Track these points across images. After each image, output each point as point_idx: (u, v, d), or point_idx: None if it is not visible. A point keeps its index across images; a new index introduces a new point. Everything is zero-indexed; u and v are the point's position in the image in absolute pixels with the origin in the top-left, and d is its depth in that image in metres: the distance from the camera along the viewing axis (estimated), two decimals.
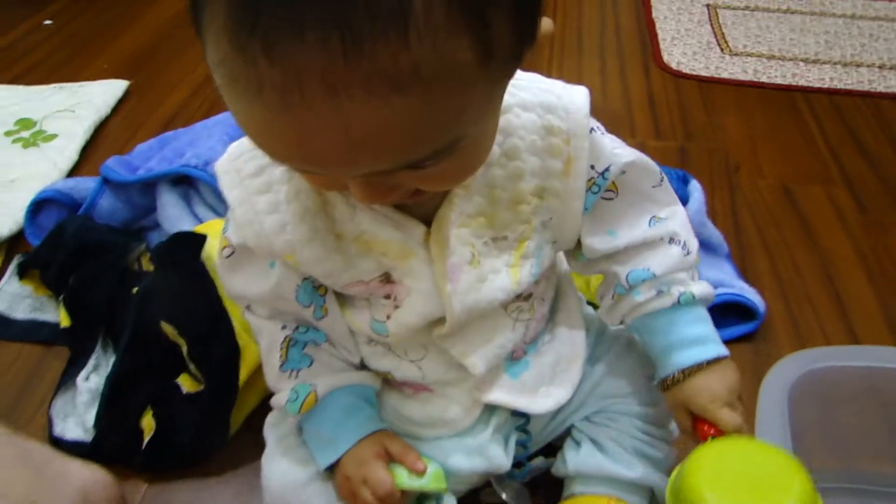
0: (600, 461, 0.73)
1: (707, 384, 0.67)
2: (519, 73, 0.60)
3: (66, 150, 1.32)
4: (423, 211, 0.60)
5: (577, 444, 0.75)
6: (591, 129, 0.62)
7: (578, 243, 0.69)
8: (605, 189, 0.65)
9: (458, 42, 0.40)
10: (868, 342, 1.02)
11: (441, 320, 0.63)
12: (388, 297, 0.64)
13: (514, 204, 0.61)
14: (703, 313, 0.70)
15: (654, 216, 0.68)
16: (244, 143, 0.61)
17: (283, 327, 0.68)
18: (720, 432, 0.66)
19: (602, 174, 0.64)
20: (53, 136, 1.35)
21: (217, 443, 0.85)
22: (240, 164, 0.60)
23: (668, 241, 0.68)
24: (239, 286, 0.68)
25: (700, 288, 0.69)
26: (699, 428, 0.67)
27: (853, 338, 1.03)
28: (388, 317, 0.64)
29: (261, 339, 0.70)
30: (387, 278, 0.63)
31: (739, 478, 0.58)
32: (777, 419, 0.71)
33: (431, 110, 0.42)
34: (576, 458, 0.74)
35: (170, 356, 0.88)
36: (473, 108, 0.45)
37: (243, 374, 0.85)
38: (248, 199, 0.60)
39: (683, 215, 0.70)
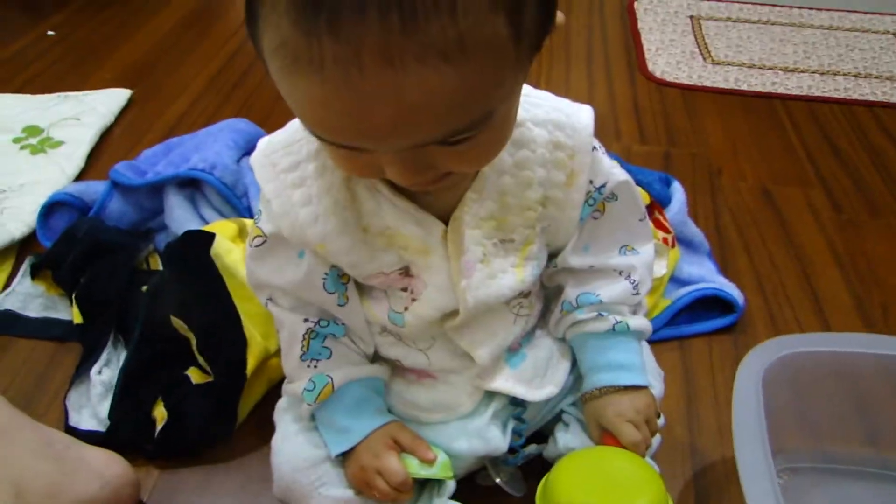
0: (587, 440, 0.77)
1: (617, 402, 0.74)
2: (532, 91, 0.68)
3: (74, 156, 1.36)
4: (441, 211, 0.65)
5: (567, 425, 0.80)
6: (594, 148, 0.68)
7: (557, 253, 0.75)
8: (598, 204, 0.71)
9: (496, 18, 0.45)
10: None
11: (453, 313, 0.69)
12: (405, 289, 0.69)
13: (522, 210, 0.67)
14: (634, 345, 0.77)
15: (625, 246, 0.76)
16: (276, 138, 0.66)
17: (305, 320, 0.72)
18: (618, 444, 0.73)
19: (599, 189, 0.70)
20: (60, 143, 1.39)
21: (225, 431, 0.89)
22: (275, 158, 0.65)
23: (624, 276, 0.75)
24: (266, 275, 0.72)
25: (637, 322, 0.76)
26: (605, 440, 0.75)
27: (827, 329, 1.08)
28: (406, 308, 0.69)
29: (282, 330, 0.74)
30: (406, 272, 0.68)
31: (600, 481, 0.68)
32: (752, 402, 0.75)
33: (472, 80, 0.46)
34: (565, 438, 0.78)
35: (179, 350, 0.92)
36: (505, 84, 0.50)
37: (251, 365, 0.89)
38: (283, 191, 0.64)
39: (650, 257, 0.78)
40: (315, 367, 0.73)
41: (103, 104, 1.52)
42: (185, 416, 0.87)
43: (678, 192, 1.16)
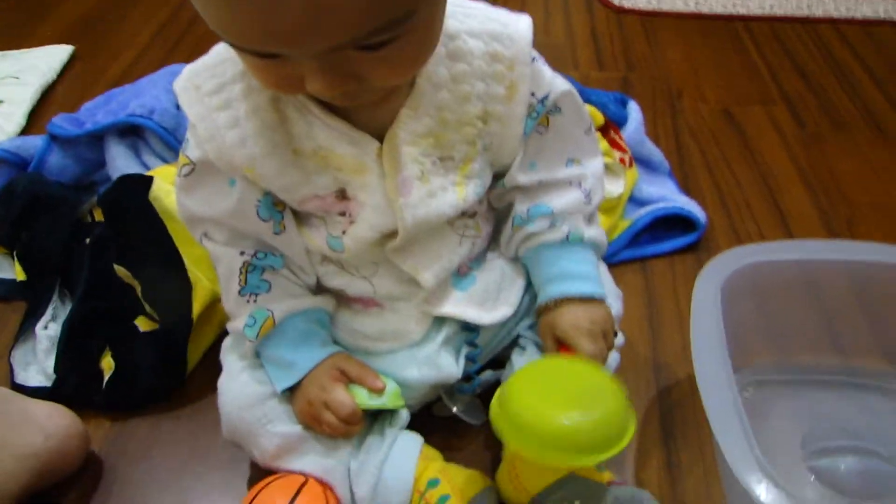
0: None
1: (573, 314, 0.71)
2: (467, 3, 0.64)
3: (14, 115, 1.31)
4: (375, 129, 0.62)
5: (523, 349, 0.78)
6: (533, 59, 0.65)
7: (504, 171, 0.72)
8: (541, 117, 0.69)
9: None
10: None
11: (393, 234, 0.66)
12: (342, 213, 0.66)
13: (461, 126, 0.64)
14: (590, 256, 0.74)
15: (572, 160, 0.72)
16: (201, 63, 0.63)
17: (242, 253, 0.70)
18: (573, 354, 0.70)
19: (541, 101, 0.67)
20: (0, 102, 1.34)
21: (175, 379, 0.87)
22: (199, 81, 0.62)
23: (575, 185, 0.72)
24: (198, 206, 0.69)
25: (592, 232, 0.73)
26: (562, 352, 0.71)
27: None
28: (344, 232, 0.67)
29: (219, 266, 0.71)
30: (342, 194, 0.65)
31: (558, 389, 0.63)
32: (710, 313, 0.73)
33: None
34: (521, 361, 0.76)
35: (126, 299, 0.89)
36: None
37: (196, 308, 0.86)
38: (208, 115, 0.62)
39: (599, 169, 0.75)
40: (254, 301, 0.70)
41: (44, 61, 1.47)
42: (131, 365, 0.85)
43: (634, 111, 1.13)
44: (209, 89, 0.62)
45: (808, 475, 0.77)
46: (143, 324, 0.88)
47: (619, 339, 0.77)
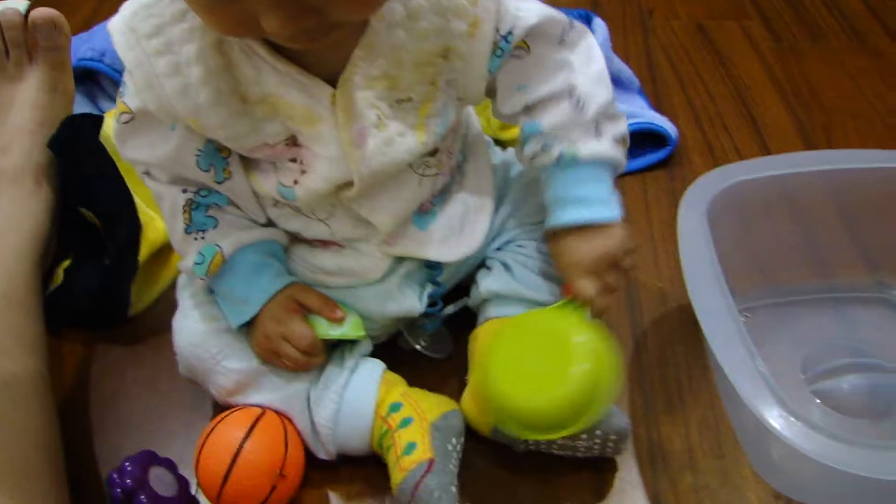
0: (509, 281, 0.73)
1: (574, 248, 0.66)
2: None
3: None
4: (327, 74, 0.58)
5: (489, 269, 0.75)
6: None
7: (493, 97, 0.68)
8: (512, 49, 0.63)
9: None
10: None
11: (349, 184, 0.63)
12: (294, 160, 0.63)
13: (419, 66, 0.60)
14: (590, 174, 0.66)
15: (569, 67, 0.65)
16: (137, 1, 0.58)
17: (185, 191, 0.67)
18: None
19: (505, 37, 0.62)
20: None
21: (117, 313, 0.85)
22: (135, 23, 0.57)
23: (564, 96, 0.65)
24: (135, 151, 0.66)
25: (593, 147, 0.65)
26: (564, 291, 0.67)
27: (767, 154, 1.04)
28: (296, 182, 0.63)
29: (162, 205, 0.69)
30: (293, 141, 0.62)
31: (533, 358, 0.62)
32: (700, 240, 0.70)
33: None
34: (487, 280, 0.74)
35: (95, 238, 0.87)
36: None
37: (145, 249, 0.85)
38: (146, 60, 0.57)
39: (597, 69, 0.67)
40: (202, 238, 0.68)
41: None
42: (74, 283, 0.84)
43: (600, 27, 1.10)
44: (146, 31, 0.57)
45: (813, 399, 0.75)
46: None
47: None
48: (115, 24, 0.58)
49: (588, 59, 0.67)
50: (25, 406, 0.67)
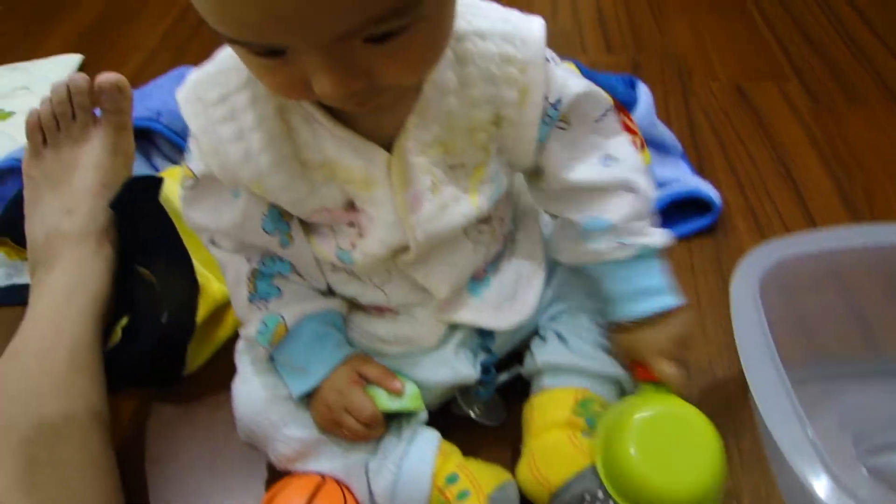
0: (564, 353, 0.74)
1: (652, 336, 0.69)
2: (476, 2, 0.61)
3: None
4: (382, 139, 0.60)
5: (544, 339, 0.77)
6: (546, 60, 0.62)
7: (539, 173, 0.70)
8: (557, 120, 0.65)
9: None
10: (824, 222, 1.04)
11: (405, 249, 0.64)
12: (351, 224, 0.64)
13: (471, 132, 0.62)
14: (655, 263, 0.70)
15: (606, 154, 0.68)
16: (204, 70, 0.60)
17: (249, 260, 0.68)
18: (654, 378, 0.70)
19: (554, 105, 0.63)
20: (11, 114, 1.35)
21: (173, 373, 0.87)
22: (201, 91, 0.59)
23: (622, 189, 0.68)
24: (201, 218, 0.67)
25: (659, 239, 0.69)
26: (637, 369, 0.71)
27: (810, 220, 1.05)
28: (353, 245, 0.65)
29: (227, 273, 0.70)
30: (351, 206, 0.63)
31: (662, 445, 0.64)
32: (753, 316, 0.71)
33: None
34: (542, 350, 0.75)
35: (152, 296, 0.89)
36: None
37: (203, 310, 0.86)
38: (211, 127, 0.59)
39: (634, 156, 0.70)
40: (265, 307, 0.69)
41: (54, 72, 1.48)
42: (131, 344, 0.86)
43: (644, 93, 1.12)
44: (212, 100, 0.59)
45: (865, 474, 0.74)
46: None
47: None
48: (183, 94, 0.60)
49: (624, 144, 0.70)
50: (94, 474, 0.68)
